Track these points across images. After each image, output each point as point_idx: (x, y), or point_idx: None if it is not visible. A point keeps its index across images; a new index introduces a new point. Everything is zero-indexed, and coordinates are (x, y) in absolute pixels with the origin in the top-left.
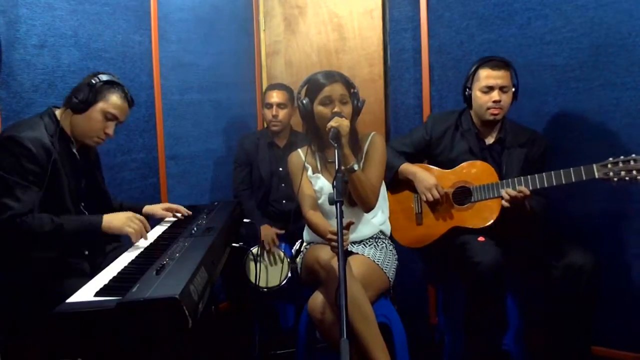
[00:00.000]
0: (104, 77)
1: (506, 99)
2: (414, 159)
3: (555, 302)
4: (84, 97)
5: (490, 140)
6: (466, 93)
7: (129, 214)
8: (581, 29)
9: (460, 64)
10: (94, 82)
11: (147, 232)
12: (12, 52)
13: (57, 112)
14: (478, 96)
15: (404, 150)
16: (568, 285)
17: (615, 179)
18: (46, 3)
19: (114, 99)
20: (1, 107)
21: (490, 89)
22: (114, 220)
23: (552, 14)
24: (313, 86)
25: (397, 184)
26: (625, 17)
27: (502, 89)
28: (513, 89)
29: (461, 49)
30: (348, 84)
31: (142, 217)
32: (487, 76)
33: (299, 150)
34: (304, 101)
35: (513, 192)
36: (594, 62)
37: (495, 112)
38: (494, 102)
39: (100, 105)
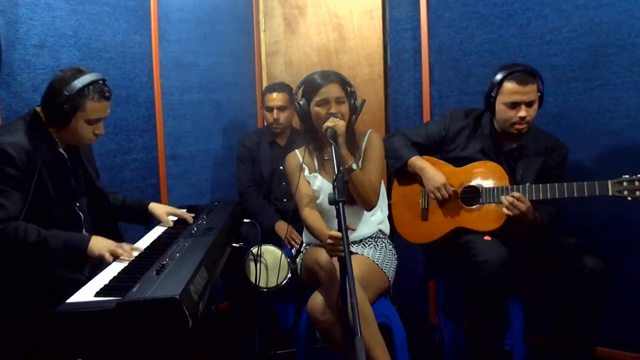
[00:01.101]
0: (76, 85)
1: (532, 112)
2: (425, 151)
3: (563, 304)
4: (60, 112)
5: (509, 146)
6: (490, 100)
7: (119, 245)
8: (581, 29)
9: (460, 64)
10: (66, 94)
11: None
12: (12, 52)
13: (42, 112)
14: (502, 110)
15: (417, 141)
16: (578, 288)
17: (630, 198)
18: (46, 3)
19: (92, 105)
20: (1, 107)
21: (516, 104)
22: (97, 245)
23: (552, 14)
24: (309, 87)
25: (405, 176)
26: (625, 17)
27: (528, 104)
28: (539, 95)
29: (461, 49)
30: (344, 84)
31: (129, 249)
32: (513, 91)
33: (296, 150)
34: (301, 102)
35: (510, 198)
36: (594, 62)
37: (521, 127)
38: (520, 117)
39: (80, 115)
